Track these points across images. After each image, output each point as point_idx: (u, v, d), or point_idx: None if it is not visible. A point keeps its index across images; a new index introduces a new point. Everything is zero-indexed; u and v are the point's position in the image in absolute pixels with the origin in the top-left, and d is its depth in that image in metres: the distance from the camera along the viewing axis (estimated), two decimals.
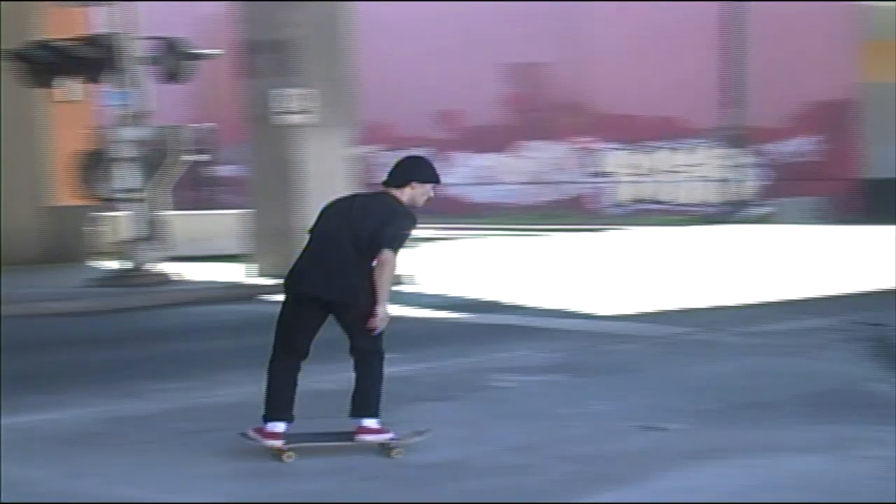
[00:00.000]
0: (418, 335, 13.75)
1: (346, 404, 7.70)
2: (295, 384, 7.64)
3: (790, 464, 7.39)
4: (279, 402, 7.56)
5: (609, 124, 40.47)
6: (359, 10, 22.32)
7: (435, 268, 21.74)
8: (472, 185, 44.89)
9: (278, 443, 7.51)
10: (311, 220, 7.86)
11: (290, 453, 7.51)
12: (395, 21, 43.77)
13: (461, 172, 45.50)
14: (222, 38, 23.08)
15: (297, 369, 7.67)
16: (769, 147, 37.60)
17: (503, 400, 9.75)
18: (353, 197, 7.95)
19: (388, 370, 7.79)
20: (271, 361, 7.69)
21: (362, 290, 7.46)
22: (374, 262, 7.56)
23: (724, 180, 38.63)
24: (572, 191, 42.22)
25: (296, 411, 7.65)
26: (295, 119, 19.43)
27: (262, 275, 19.56)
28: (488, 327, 14.34)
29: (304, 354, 7.67)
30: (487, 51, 42.66)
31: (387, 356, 7.79)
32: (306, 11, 19.52)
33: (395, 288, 7.89)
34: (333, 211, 7.71)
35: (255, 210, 20.36)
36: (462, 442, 8.13)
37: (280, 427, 7.54)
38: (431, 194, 7.89)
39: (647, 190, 40.62)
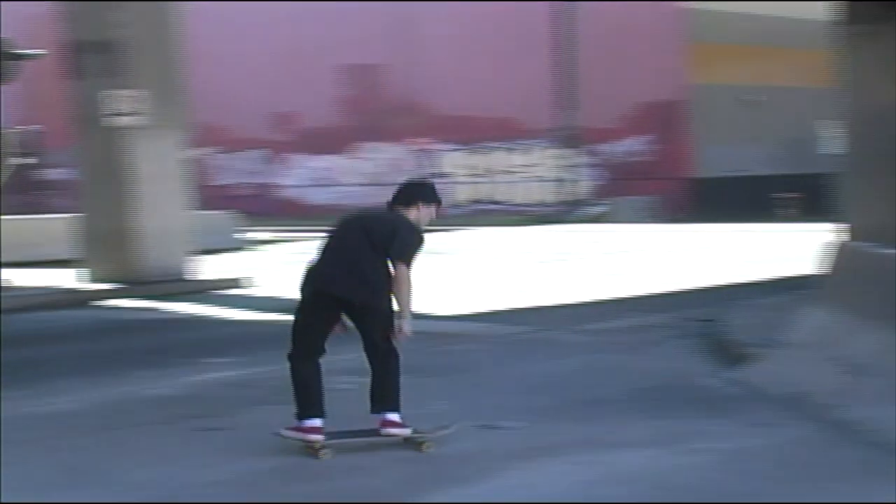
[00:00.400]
0: (254, 339, 13.62)
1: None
2: (321, 380, 7.84)
3: (626, 458, 7.49)
4: (311, 399, 7.76)
5: (445, 125, 40.70)
6: (191, 10, 21.99)
7: (273, 270, 21.55)
8: (309, 186, 44.70)
9: (320, 438, 7.64)
10: (146, 223, 7.76)
11: (326, 450, 7.62)
12: (229, 22, 43.33)
13: (298, 174, 45.32)
14: (48, 39, 22.47)
15: (320, 366, 7.87)
16: (603, 147, 38.25)
17: (342, 402, 9.67)
18: (365, 210, 8.32)
19: (227, 374, 7.68)
20: (293, 364, 7.86)
21: (385, 293, 7.74)
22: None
23: (559, 180, 39.17)
24: None
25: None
26: (125, 121, 19.04)
27: (94, 280, 19.13)
28: None
29: (323, 352, 7.90)
30: (323, 52, 42.52)
31: (225, 360, 7.70)
32: (134, 11, 19.12)
33: (232, 291, 7.79)
34: (347, 222, 8.02)
35: (86, 214, 19.88)
36: (299, 445, 8.04)
37: (318, 423, 7.68)
38: (434, 216, 8.20)
39: (484, 190, 40.94)
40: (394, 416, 7.84)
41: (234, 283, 19.44)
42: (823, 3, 15.83)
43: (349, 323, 7.94)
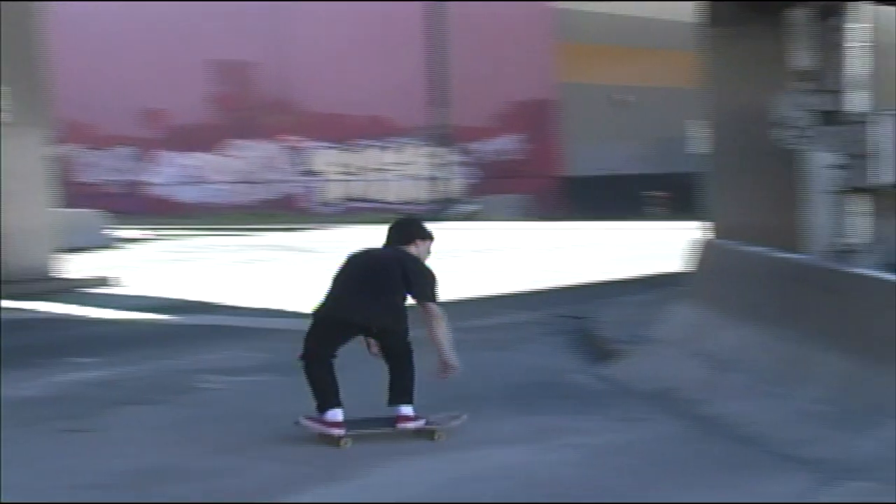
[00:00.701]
0: (122, 338, 13.41)
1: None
2: (334, 375, 8.12)
3: (497, 456, 7.52)
4: (329, 392, 8.04)
5: (318, 123, 40.53)
6: (56, 6, 21.55)
7: (141, 269, 21.23)
8: (178, 184, 44.14)
9: (341, 431, 7.87)
10: (8, 221, 7.58)
11: (347, 440, 7.84)
12: (98, 19, 42.60)
13: (167, 172, 44.72)
14: None
15: (332, 364, 8.17)
16: (475, 146, 38.42)
17: (211, 402, 9.58)
18: (372, 249, 8.58)
19: (93, 374, 7.53)
20: (306, 365, 8.12)
21: (403, 318, 8.18)
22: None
23: (431, 178, 39.25)
24: (282, 190, 42.06)
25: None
26: None
27: None
28: (196, 328, 14.09)
29: (335, 356, 8.22)
30: (193, 49, 42.03)
31: (91, 360, 7.55)
32: None
33: (99, 290, 7.64)
34: (358, 257, 8.41)
35: None
36: (169, 445, 7.93)
37: (340, 415, 7.94)
38: (430, 250, 8.62)
39: (356, 188, 40.85)
40: (407, 410, 8.11)
41: (101, 281, 19.10)
42: (690, 4, 16.10)
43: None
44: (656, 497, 6.60)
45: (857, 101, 12.78)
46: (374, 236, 8.98)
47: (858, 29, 12.78)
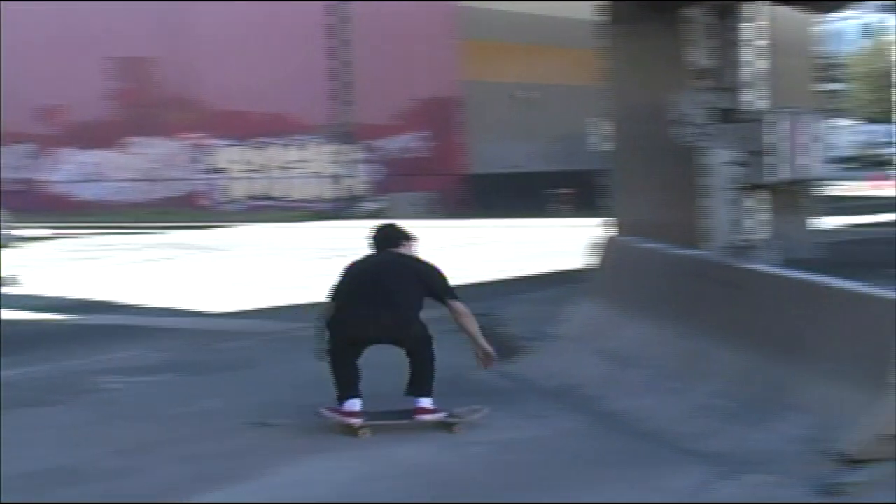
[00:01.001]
0: (20, 338, 13.18)
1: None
2: (357, 368, 8.31)
3: (403, 453, 7.54)
4: (350, 382, 8.20)
5: (220, 120, 40.17)
6: None
7: (40, 268, 20.90)
8: (78, 182, 43.49)
9: (358, 421, 8.00)
10: None
11: (366, 430, 7.97)
12: None
13: (66, 169, 44.05)
14: None
15: (357, 361, 8.36)
16: (379, 143, 38.36)
17: (111, 402, 9.47)
18: (372, 255, 8.75)
19: None
20: (334, 360, 8.28)
21: (418, 320, 8.47)
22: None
23: (335, 176, 39.12)
24: (184, 187, 41.63)
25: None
26: None
27: None
28: (96, 328, 13.90)
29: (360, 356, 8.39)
30: (91, 44, 41.43)
31: None
32: None
33: None
34: (362, 266, 8.58)
35: None
36: (68, 446, 7.83)
37: (358, 405, 8.08)
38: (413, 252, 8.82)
39: (260, 186, 40.57)
40: (426, 402, 8.22)
41: None
42: (590, 2, 16.22)
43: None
44: (559, 493, 6.66)
45: (754, 99, 12.98)
46: (277, 234, 8.93)
47: (755, 28, 12.98)
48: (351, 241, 28.57)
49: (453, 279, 9.14)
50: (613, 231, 13.88)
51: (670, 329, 8.90)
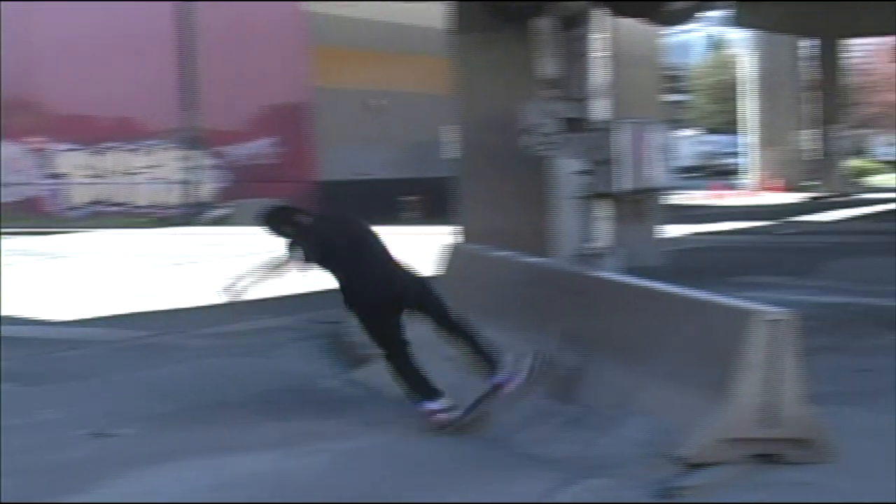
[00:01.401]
0: None
1: None
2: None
3: (245, 462, 7.44)
4: (426, 382, 8.24)
5: (62, 124, 39.25)
6: None
7: None
8: None
9: (458, 413, 8.03)
10: None
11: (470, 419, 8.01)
12: None
13: None
14: None
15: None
16: (227, 149, 37.95)
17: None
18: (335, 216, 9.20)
19: None
20: (397, 359, 8.36)
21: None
22: None
23: (182, 182, 38.57)
24: (26, 193, 40.60)
25: None
26: None
27: None
28: None
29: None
30: None
31: None
32: None
33: None
34: (335, 232, 8.73)
35: None
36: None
37: (438, 404, 8.11)
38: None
39: (104, 192, 39.76)
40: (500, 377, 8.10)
41: None
42: (443, 10, 16.28)
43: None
44: (404, 499, 6.64)
45: (600, 109, 13.15)
46: (122, 241, 8.77)
47: (601, 39, 13.16)
48: (198, 247, 28.37)
49: (302, 286, 9.10)
50: (461, 239, 13.93)
51: (518, 335, 8.94)
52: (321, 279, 8.52)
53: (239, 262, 20.82)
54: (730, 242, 24.90)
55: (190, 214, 37.19)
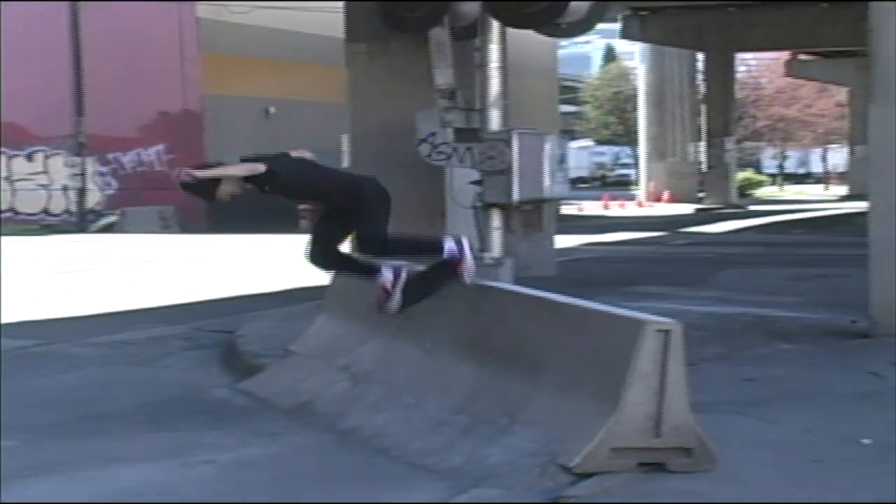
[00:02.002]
0: None
1: None
2: None
3: (129, 474, 7.32)
4: None
5: None
6: None
7: None
8: None
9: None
10: None
11: None
12: None
13: None
14: None
15: None
16: (114, 156, 37.43)
17: None
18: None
19: None
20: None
21: None
22: None
23: (68, 189, 37.90)
24: None
25: None
26: None
27: None
28: None
29: None
30: None
31: None
32: None
33: None
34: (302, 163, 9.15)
35: None
36: None
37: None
38: None
39: None
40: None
41: None
42: (339, 18, 16.24)
43: None
44: None
45: (494, 119, 13.20)
46: (9, 248, 8.56)
47: (497, 49, 13.21)
48: (86, 255, 27.86)
49: (191, 295, 8.99)
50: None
51: (410, 344, 8.93)
52: (212, 288, 8.41)
53: (127, 270, 20.56)
54: (621, 253, 25.16)
55: (75, 222, 36.61)
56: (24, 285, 19.73)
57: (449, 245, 8.45)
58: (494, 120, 12.90)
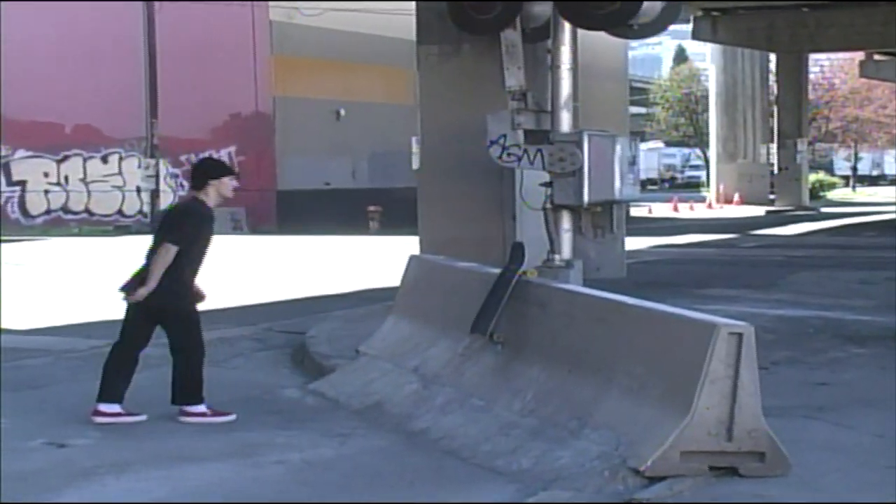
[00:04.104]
0: None
1: None
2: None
3: (202, 473, 7.38)
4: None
5: (20, 130, 38.78)
6: None
7: None
8: None
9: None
10: None
11: None
12: None
13: None
14: None
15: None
16: (186, 157, 37.76)
17: None
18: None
19: None
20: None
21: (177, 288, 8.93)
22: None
23: (141, 190, 38.30)
24: None
25: None
26: None
27: None
28: None
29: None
30: None
31: None
32: None
33: None
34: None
35: None
36: None
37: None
38: (235, 183, 9.09)
39: (62, 200, 39.38)
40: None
41: None
42: (409, 21, 16.28)
43: None
44: None
45: (564, 121, 13.15)
46: (79, 249, 8.68)
47: (567, 51, 13.16)
48: None
49: (262, 296, 9.03)
50: (423, 249, 13.92)
51: (479, 347, 8.93)
52: (283, 289, 8.46)
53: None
54: (690, 255, 25.00)
55: (148, 223, 36.97)
56: (96, 286, 19.97)
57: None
58: (565, 122, 12.82)
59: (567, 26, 12.73)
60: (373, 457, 7.77)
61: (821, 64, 64.87)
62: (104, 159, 38.75)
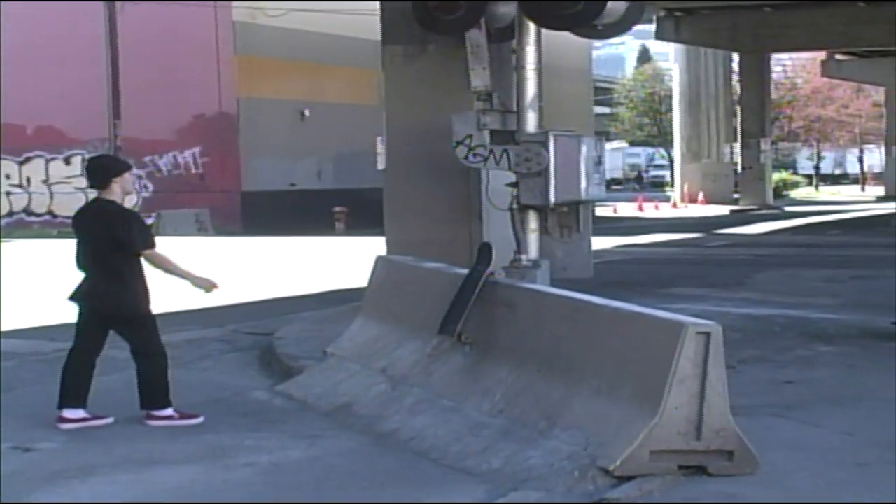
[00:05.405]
0: None
1: None
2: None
3: (169, 476, 7.35)
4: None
5: None
6: None
7: None
8: None
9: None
10: None
11: None
12: None
13: None
14: None
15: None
16: (150, 159, 37.59)
17: None
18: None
19: None
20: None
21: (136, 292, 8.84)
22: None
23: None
24: None
25: None
26: None
27: None
28: None
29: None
30: None
31: None
32: None
33: None
34: (77, 221, 8.94)
35: None
36: None
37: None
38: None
39: (23, 201, 39.12)
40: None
41: None
42: (374, 21, 16.27)
43: None
44: None
45: (529, 121, 13.17)
46: (40, 251, 8.62)
47: (531, 51, 13.18)
48: None
49: (227, 298, 9.01)
50: (390, 250, 13.90)
51: (447, 348, 8.92)
52: (249, 290, 8.42)
53: (159, 273, 20.49)
54: (656, 255, 25.10)
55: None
56: (60, 287, 19.83)
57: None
58: (530, 122, 12.85)
59: (532, 27, 12.75)
60: (342, 458, 7.76)
61: (783, 64, 65.24)
62: (67, 160, 38.53)
